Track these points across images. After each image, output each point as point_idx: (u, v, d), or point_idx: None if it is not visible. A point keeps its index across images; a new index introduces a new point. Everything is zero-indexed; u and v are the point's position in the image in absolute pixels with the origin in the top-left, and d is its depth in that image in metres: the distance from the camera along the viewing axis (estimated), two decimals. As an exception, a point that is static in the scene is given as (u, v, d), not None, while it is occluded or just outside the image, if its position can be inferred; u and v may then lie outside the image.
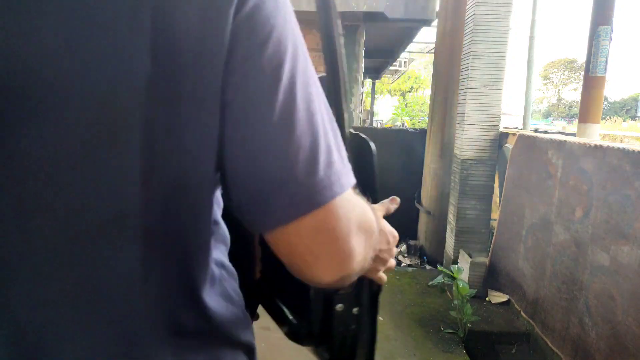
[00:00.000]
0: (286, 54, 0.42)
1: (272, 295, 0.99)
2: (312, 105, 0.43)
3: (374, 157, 0.79)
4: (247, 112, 0.40)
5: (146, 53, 0.37)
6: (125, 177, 0.39)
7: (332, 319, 0.76)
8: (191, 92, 0.39)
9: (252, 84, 0.40)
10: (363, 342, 0.79)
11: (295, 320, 0.87)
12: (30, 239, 0.39)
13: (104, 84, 0.36)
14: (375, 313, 0.78)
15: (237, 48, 0.40)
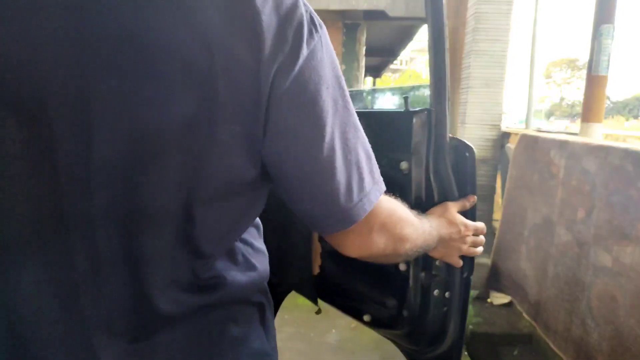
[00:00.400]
0: (327, 114, 0.52)
1: (339, 289, 1.05)
2: (348, 145, 0.55)
3: (467, 159, 0.86)
4: (297, 162, 0.53)
5: (194, 102, 0.46)
6: (162, 187, 0.49)
7: (429, 303, 0.86)
8: (223, 139, 0.48)
9: (299, 142, 0.52)
10: (455, 323, 0.87)
11: (383, 308, 0.95)
12: (94, 237, 0.50)
13: (153, 118, 0.46)
14: (467, 296, 0.87)
15: (281, 114, 0.50)
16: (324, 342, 2.62)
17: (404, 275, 0.89)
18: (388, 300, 0.95)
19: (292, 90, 0.49)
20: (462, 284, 0.87)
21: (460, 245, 0.82)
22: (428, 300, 0.87)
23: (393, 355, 2.51)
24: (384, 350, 2.56)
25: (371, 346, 2.60)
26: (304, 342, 2.59)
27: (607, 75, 3.27)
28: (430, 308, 0.87)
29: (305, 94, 0.50)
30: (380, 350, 2.57)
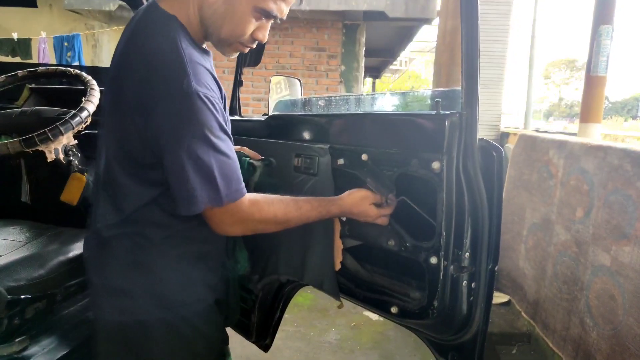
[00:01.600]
0: (183, 140, 0.84)
1: (363, 284, 1.10)
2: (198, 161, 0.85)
3: (495, 160, 0.92)
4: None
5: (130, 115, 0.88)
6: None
7: (458, 293, 0.92)
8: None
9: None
10: (480, 311, 0.93)
11: (413, 300, 1.02)
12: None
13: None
14: (492, 286, 0.94)
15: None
16: (324, 341, 2.62)
17: (434, 267, 0.95)
18: (418, 292, 1.01)
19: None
20: (488, 275, 0.93)
21: (366, 218, 1.04)
22: (457, 290, 0.93)
23: (392, 354, 2.53)
24: (383, 349, 2.57)
25: (370, 345, 2.61)
26: (304, 341, 2.60)
27: (605, 76, 3.28)
28: (459, 298, 0.93)
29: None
30: (379, 349, 2.57)
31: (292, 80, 1.78)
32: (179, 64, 0.83)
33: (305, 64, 5.65)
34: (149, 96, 0.84)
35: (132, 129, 0.87)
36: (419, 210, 1.02)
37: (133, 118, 0.86)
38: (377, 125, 1.08)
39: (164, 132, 0.84)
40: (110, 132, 0.94)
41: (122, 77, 0.89)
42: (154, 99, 0.83)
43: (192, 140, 0.83)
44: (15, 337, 1.12)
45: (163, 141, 0.85)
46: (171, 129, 0.84)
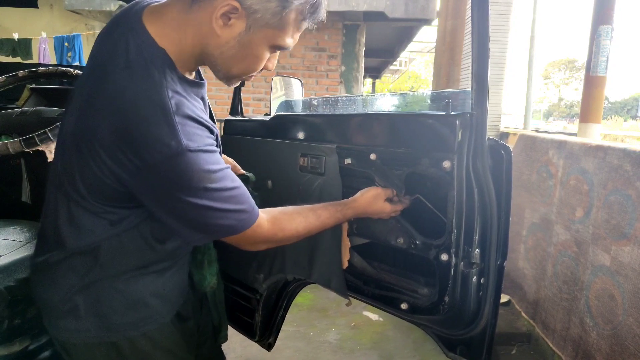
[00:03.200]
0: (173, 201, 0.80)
1: (371, 281, 1.12)
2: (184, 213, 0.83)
3: (504, 159, 0.94)
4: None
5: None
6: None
7: (469, 289, 0.95)
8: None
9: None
10: (489, 307, 0.97)
11: (423, 296, 1.04)
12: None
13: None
14: (500, 282, 0.97)
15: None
16: (324, 341, 2.62)
17: (445, 264, 0.97)
18: (429, 289, 1.04)
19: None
20: (496, 271, 0.96)
21: (380, 215, 1.06)
22: (467, 286, 0.96)
23: (392, 354, 2.53)
24: (383, 349, 2.57)
25: (370, 345, 2.61)
26: (304, 341, 2.60)
27: (605, 76, 3.28)
28: (469, 293, 0.96)
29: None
30: (379, 349, 2.57)
31: (293, 80, 1.78)
32: (166, 123, 0.73)
33: (305, 64, 5.66)
34: (131, 153, 0.74)
35: (103, 170, 0.77)
36: (431, 208, 1.04)
37: (105, 161, 0.76)
38: (387, 125, 1.09)
39: (156, 193, 0.79)
40: (70, 161, 0.82)
41: (95, 109, 0.77)
42: (137, 158, 0.74)
43: (192, 196, 0.77)
44: (15, 337, 1.13)
45: (156, 201, 0.80)
46: (165, 190, 0.77)
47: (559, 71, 39.29)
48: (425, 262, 1.02)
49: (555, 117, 38.00)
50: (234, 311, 1.50)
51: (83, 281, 0.88)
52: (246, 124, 1.48)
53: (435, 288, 1.00)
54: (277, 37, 0.83)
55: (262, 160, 1.34)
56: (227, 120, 1.56)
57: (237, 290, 1.47)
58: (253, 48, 0.83)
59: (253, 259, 1.39)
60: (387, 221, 1.08)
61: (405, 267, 1.14)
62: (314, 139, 1.25)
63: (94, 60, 0.83)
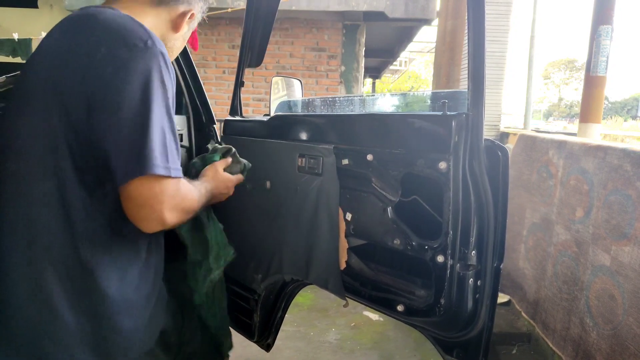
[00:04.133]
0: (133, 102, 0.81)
1: (368, 283, 1.11)
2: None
3: (500, 159, 0.94)
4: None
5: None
6: None
7: (465, 291, 0.94)
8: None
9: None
10: (485, 309, 0.96)
11: (419, 298, 1.03)
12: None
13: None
14: (497, 283, 0.96)
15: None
16: (324, 341, 2.62)
17: (441, 266, 0.97)
18: (424, 290, 1.03)
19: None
20: (493, 273, 0.95)
21: (225, 194, 1.12)
22: (464, 288, 0.95)
23: (392, 354, 2.53)
24: (383, 349, 2.57)
25: (370, 345, 2.61)
26: (304, 341, 2.60)
27: (605, 76, 3.28)
28: (466, 295, 0.95)
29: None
30: (379, 349, 2.57)
31: (292, 80, 1.78)
32: (143, 28, 0.85)
33: (305, 64, 5.66)
34: (109, 54, 0.80)
35: (80, 121, 0.80)
36: (427, 210, 1.03)
37: (77, 104, 0.80)
38: (383, 125, 1.09)
39: (118, 85, 0.79)
40: (47, 138, 0.82)
41: (70, 61, 0.82)
42: (111, 55, 0.80)
43: (155, 97, 0.80)
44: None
45: (113, 94, 0.79)
46: (134, 79, 0.79)
47: (559, 71, 39.28)
48: (422, 264, 1.02)
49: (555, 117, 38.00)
50: (232, 311, 1.50)
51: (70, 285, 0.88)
52: (245, 124, 1.48)
53: (432, 290, 1.00)
54: (186, 39, 1.10)
55: (261, 161, 1.34)
56: (226, 121, 1.56)
57: (235, 290, 1.47)
58: (182, 43, 1.08)
59: (251, 259, 1.39)
60: (384, 222, 1.07)
61: (402, 268, 1.14)
62: (312, 139, 1.24)
63: (57, 40, 0.88)
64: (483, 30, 0.88)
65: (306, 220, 1.23)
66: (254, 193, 1.36)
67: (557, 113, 38.99)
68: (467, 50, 0.93)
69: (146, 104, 0.80)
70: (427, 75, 26.54)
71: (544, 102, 40.57)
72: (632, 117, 33.73)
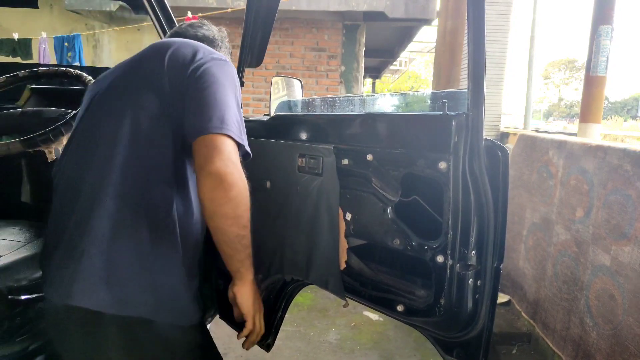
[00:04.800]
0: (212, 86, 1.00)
1: (368, 283, 1.12)
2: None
3: (500, 160, 0.94)
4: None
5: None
6: None
7: (465, 291, 0.95)
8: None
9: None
10: (485, 309, 0.96)
11: (419, 298, 1.04)
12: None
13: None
14: (497, 284, 0.96)
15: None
16: (324, 341, 2.63)
17: (440, 266, 0.96)
18: (424, 291, 1.03)
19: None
20: (493, 273, 0.95)
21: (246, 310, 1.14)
22: (463, 288, 0.95)
23: (392, 354, 2.53)
24: (383, 349, 2.57)
25: (370, 345, 2.61)
26: (304, 341, 2.60)
27: (605, 76, 3.28)
28: (466, 296, 0.95)
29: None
30: (379, 349, 2.57)
31: (292, 80, 1.78)
32: (219, 53, 1.09)
33: (305, 64, 5.66)
34: (195, 57, 1.01)
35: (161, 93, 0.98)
36: (427, 209, 1.03)
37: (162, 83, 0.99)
38: (383, 125, 1.09)
39: (207, 74, 0.98)
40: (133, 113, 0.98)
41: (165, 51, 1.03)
42: (201, 55, 1.02)
43: (231, 91, 1.01)
44: (16, 337, 1.13)
45: (203, 78, 0.97)
46: (217, 74, 0.99)
47: (559, 71, 39.28)
48: (422, 264, 1.02)
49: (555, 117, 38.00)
50: (232, 311, 1.50)
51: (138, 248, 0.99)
52: (245, 125, 1.49)
53: (431, 290, 1.00)
54: None
55: (261, 161, 1.34)
56: None
57: None
58: None
59: None
60: (384, 222, 1.07)
61: (402, 268, 1.14)
62: (312, 139, 1.25)
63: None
64: (483, 30, 0.88)
65: (306, 220, 1.23)
66: (254, 193, 1.37)
67: (557, 113, 39.00)
68: (467, 50, 0.93)
69: (226, 90, 0.99)
70: (427, 75, 26.54)
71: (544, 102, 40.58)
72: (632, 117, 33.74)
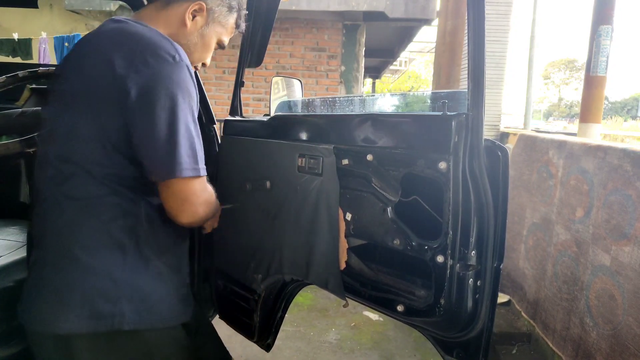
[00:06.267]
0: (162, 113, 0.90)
1: (368, 283, 1.12)
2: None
3: (500, 160, 0.94)
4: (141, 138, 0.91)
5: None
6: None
7: (465, 291, 0.95)
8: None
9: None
10: (485, 309, 0.96)
11: (419, 298, 1.04)
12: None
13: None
14: (497, 284, 0.96)
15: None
16: (324, 341, 2.63)
17: (441, 266, 0.96)
18: (425, 291, 1.03)
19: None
20: (493, 273, 0.95)
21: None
22: (463, 288, 0.95)
23: (392, 354, 2.53)
24: (383, 349, 2.57)
25: (370, 345, 2.61)
26: (303, 341, 2.60)
27: (605, 76, 3.28)
28: (466, 296, 0.95)
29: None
30: (379, 349, 2.57)
31: (292, 80, 1.78)
32: (170, 43, 0.93)
33: (305, 65, 5.66)
34: (135, 67, 0.88)
35: (115, 129, 0.89)
36: (427, 209, 1.03)
37: (106, 106, 0.89)
38: (383, 126, 1.09)
39: (150, 96, 0.87)
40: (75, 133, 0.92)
41: (91, 67, 0.91)
42: (140, 65, 0.87)
43: (182, 107, 0.89)
44: (14, 338, 1.13)
45: (146, 106, 0.87)
46: (161, 92, 0.87)
47: (559, 71, 39.28)
48: (422, 264, 1.02)
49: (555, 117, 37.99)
50: (232, 311, 1.50)
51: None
52: (245, 125, 1.48)
53: (431, 290, 1.00)
54: (222, 34, 1.13)
55: (261, 161, 1.34)
56: (226, 121, 1.56)
57: (235, 291, 1.47)
58: (207, 39, 1.10)
59: (251, 259, 1.39)
60: (384, 222, 1.07)
61: (402, 268, 1.14)
62: (312, 139, 1.24)
63: (82, 48, 0.98)
64: (483, 30, 0.88)
65: (306, 220, 1.23)
66: (254, 193, 1.36)
67: (557, 113, 38.99)
68: (467, 50, 0.93)
69: (174, 114, 0.88)
70: (427, 75, 26.53)
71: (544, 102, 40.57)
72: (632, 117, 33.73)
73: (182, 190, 0.91)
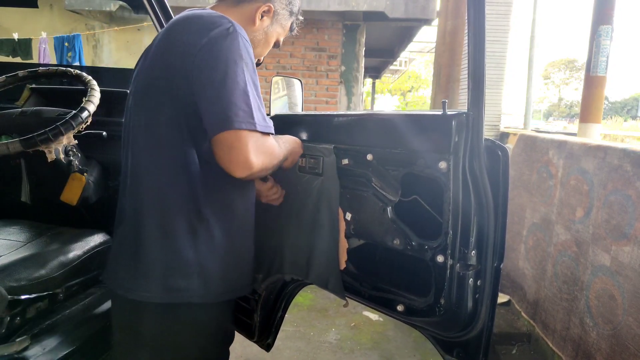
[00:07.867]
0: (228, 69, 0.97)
1: (368, 283, 1.12)
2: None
3: (500, 159, 0.94)
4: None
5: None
6: None
7: (465, 291, 0.95)
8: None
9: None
10: (485, 309, 0.96)
11: (419, 298, 1.03)
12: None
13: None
14: (497, 284, 0.96)
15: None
16: (324, 341, 2.63)
17: (440, 266, 0.96)
18: (425, 291, 1.03)
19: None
20: (493, 273, 0.95)
21: (298, 152, 1.22)
22: (463, 288, 0.95)
23: (392, 354, 2.53)
24: (383, 349, 2.57)
25: (370, 345, 2.61)
26: (303, 341, 2.60)
27: (605, 76, 3.28)
28: (466, 296, 0.95)
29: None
30: (379, 349, 2.57)
31: (292, 80, 1.78)
32: (227, 20, 1.00)
33: (305, 64, 5.66)
34: (196, 38, 0.96)
35: (186, 94, 0.97)
36: (427, 209, 1.03)
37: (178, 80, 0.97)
38: (383, 125, 1.09)
39: (208, 61, 0.95)
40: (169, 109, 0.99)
41: (168, 53, 1.01)
42: (200, 37, 0.96)
43: (234, 69, 0.95)
44: (16, 337, 1.13)
45: (209, 67, 0.94)
46: (220, 56, 0.95)
47: (559, 71, 39.27)
48: (422, 264, 1.02)
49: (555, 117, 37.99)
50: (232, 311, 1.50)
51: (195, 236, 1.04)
52: None
53: (431, 290, 1.00)
54: (280, 34, 1.23)
55: None
56: None
57: None
58: (269, 37, 1.20)
59: None
60: (384, 222, 1.07)
61: (402, 268, 1.14)
62: (312, 139, 1.25)
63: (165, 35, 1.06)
64: (483, 30, 0.88)
65: (307, 220, 1.23)
66: None
67: (557, 113, 38.99)
68: (467, 50, 0.92)
69: (227, 75, 0.95)
70: (427, 75, 26.52)
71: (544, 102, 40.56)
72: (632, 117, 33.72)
73: (231, 141, 0.94)
